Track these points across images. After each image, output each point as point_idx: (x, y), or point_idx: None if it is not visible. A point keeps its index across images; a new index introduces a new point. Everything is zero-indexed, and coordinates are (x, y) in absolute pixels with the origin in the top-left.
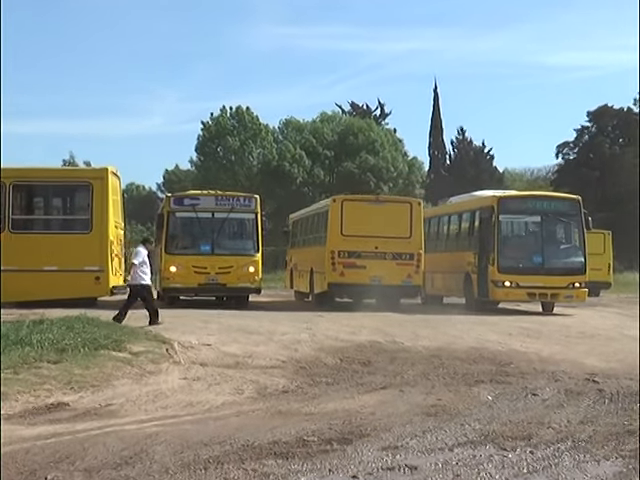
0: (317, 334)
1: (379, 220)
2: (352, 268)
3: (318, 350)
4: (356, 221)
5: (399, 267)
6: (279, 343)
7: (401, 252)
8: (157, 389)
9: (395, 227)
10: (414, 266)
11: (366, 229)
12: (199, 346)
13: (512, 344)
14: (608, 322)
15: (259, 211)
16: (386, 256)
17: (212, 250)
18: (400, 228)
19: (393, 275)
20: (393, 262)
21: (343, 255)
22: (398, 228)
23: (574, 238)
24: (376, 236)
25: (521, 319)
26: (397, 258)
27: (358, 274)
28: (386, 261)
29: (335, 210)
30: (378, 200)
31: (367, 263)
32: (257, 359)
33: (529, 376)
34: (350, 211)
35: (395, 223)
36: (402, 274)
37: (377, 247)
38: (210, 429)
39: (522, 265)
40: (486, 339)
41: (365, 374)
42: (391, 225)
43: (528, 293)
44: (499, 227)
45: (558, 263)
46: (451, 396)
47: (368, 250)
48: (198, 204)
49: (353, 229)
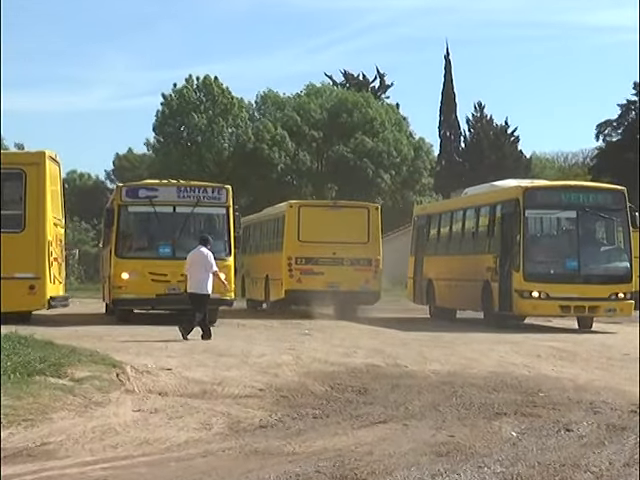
0: (302, 356)
1: (336, 226)
2: (309, 274)
3: (303, 375)
4: (313, 227)
5: (357, 273)
6: (255, 367)
7: (359, 257)
8: (105, 424)
9: (353, 232)
10: (372, 272)
11: (323, 235)
12: (157, 371)
13: (541, 368)
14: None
15: (231, 205)
16: (344, 262)
17: (173, 253)
18: (358, 233)
19: (351, 281)
20: (351, 268)
21: (300, 261)
22: (356, 233)
23: (618, 238)
24: (333, 242)
25: (552, 337)
26: (355, 264)
27: (315, 280)
28: (344, 267)
29: (292, 216)
30: (335, 205)
31: (324, 269)
32: (228, 386)
33: (562, 407)
34: (307, 217)
35: (353, 228)
36: (360, 280)
37: (335, 253)
38: (170, 473)
39: (553, 271)
40: (509, 362)
41: (361, 405)
42: (348, 230)
43: (561, 306)
44: (525, 224)
45: (598, 269)
46: (466, 432)
47: (325, 256)
48: (156, 196)
49: (310, 235)
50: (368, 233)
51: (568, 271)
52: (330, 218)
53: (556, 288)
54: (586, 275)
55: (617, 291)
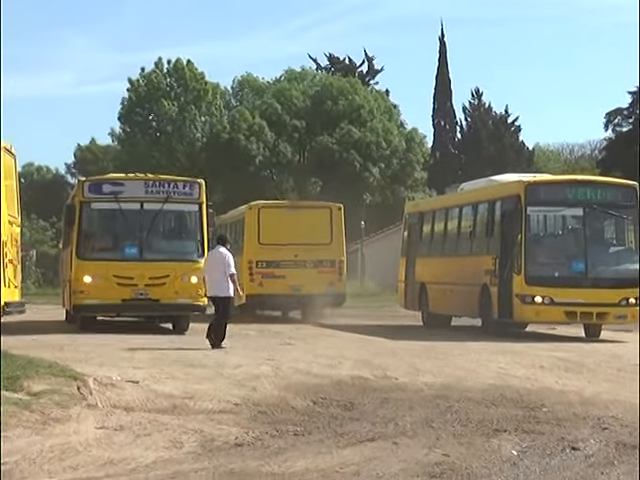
0: (282, 367)
1: (298, 227)
2: (271, 278)
3: (284, 389)
4: (274, 229)
5: (320, 275)
6: (231, 379)
7: (322, 259)
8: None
9: (315, 233)
10: (336, 273)
11: (284, 237)
12: (122, 383)
13: (545, 380)
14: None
15: (204, 201)
16: (306, 264)
17: (141, 254)
18: (320, 234)
19: (314, 283)
20: (314, 270)
21: (261, 265)
22: (318, 234)
23: (628, 238)
24: (295, 244)
25: (557, 347)
26: (318, 266)
27: (277, 284)
28: (306, 269)
29: (251, 218)
30: (296, 206)
31: (286, 272)
32: (201, 401)
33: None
34: (267, 218)
35: (314, 229)
36: (324, 282)
37: (297, 255)
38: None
39: (558, 274)
40: (510, 374)
41: (347, 421)
42: (310, 232)
43: (566, 312)
44: (527, 223)
45: (607, 272)
46: (462, 451)
47: (287, 259)
48: (122, 192)
49: (271, 237)
50: (331, 234)
51: (574, 274)
52: (291, 219)
53: (561, 293)
54: (594, 278)
55: (628, 296)
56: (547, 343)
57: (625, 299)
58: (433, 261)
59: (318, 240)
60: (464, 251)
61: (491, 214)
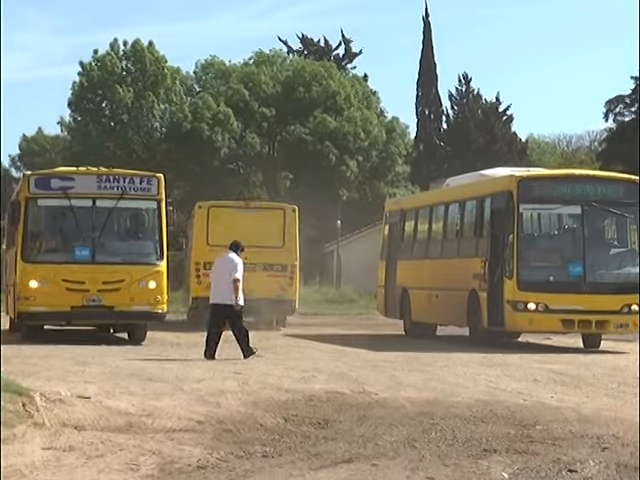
0: (250, 381)
1: (249, 228)
2: None
3: (251, 405)
4: (224, 229)
5: (271, 279)
6: (193, 394)
7: (273, 263)
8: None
9: (267, 236)
10: (287, 278)
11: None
12: (72, 400)
13: (539, 395)
14: None
15: (163, 198)
16: (256, 267)
17: (93, 256)
18: (272, 237)
19: (264, 288)
20: (264, 274)
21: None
22: (270, 237)
23: (631, 239)
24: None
25: (552, 359)
26: (268, 269)
27: None
28: (256, 273)
29: (200, 217)
30: (248, 206)
31: None
32: (160, 418)
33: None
34: (217, 218)
35: (267, 231)
36: (274, 287)
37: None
38: None
39: (554, 278)
40: (500, 388)
41: (321, 440)
42: (262, 233)
43: (563, 320)
44: (520, 222)
45: (607, 276)
46: (448, 473)
47: None
48: (72, 187)
49: (220, 238)
50: (284, 237)
51: (571, 278)
52: (242, 220)
53: (557, 299)
54: (593, 283)
55: (630, 302)
56: (542, 354)
57: (627, 306)
58: (416, 264)
59: (270, 243)
60: (450, 253)
61: (480, 212)
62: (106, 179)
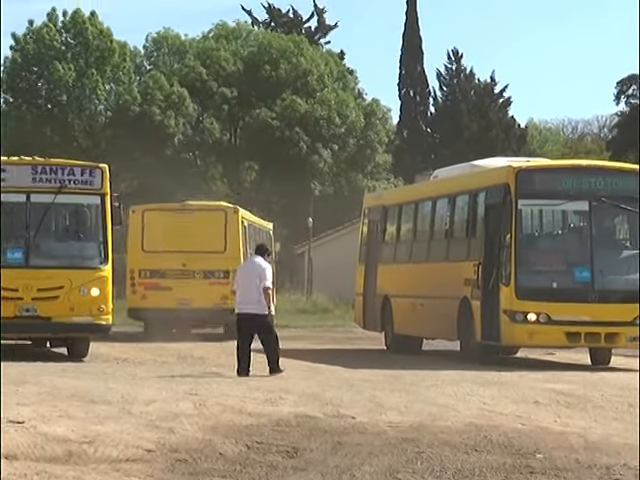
0: (208, 403)
1: (187, 232)
2: (155, 290)
3: (209, 430)
4: (160, 234)
5: (211, 287)
6: (142, 418)
7: (213, 269)
8: None
9: (206, 240)
10: (229, 285)
11: (172, 243)
12: (3, 425)
13: (540, 419)
14: None
15: (108, 192)
16: (195, 274)
17: (26, 260)
18: (212, 241)
19: (204, 297)
20: (204, 281)
21: (144, 274)
22: (210, 241)
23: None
24: (183, 251)
25: (555, 377)
26: (209, 276)
27: (162, 297)
28: (195, 280)
29: (135, 222)
30: (185, 208)
31: (173, 283)
32: (103, 446)
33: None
34: (153, 222)
35: (206, 235)
36: (215, 295)
37: (185, 264)
38: None
39: (557, 285)
40: (496, 411)
41: (289, 471)
42: (202, 237)
43: (568, 333)
44: (518, 220)
45: (618, 282)
46: None
47: (174, 268)
48: (3, 179)
49: (156, 244)
50: (225, 240)
51: (577, 285)
52: (180, 223)
53: (561, 308)
54: (602, 290)
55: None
56: (543, 372)
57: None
58: (399, 269)
59: (210, 247)
60: (438, 256)
61: (472, 209)
62: (42, 170)
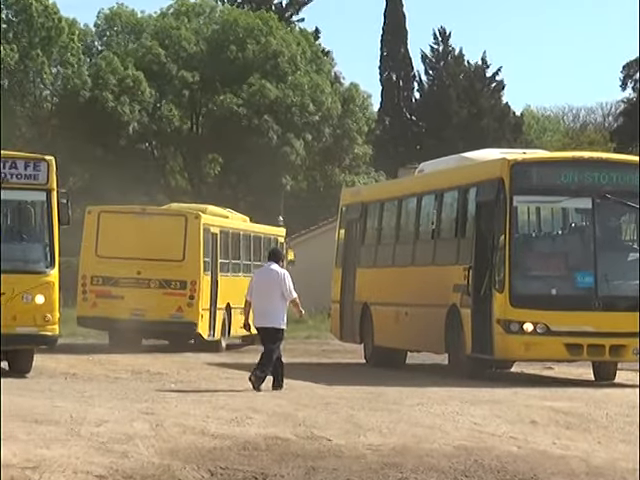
0: (166, 423)
1: (145, 238)
2: (107, 298)
3: (168, 454)
4: (116, 239)
5: (167, 298)
6: (92, 441)
7: (170, 279)
8: None
9: (164, 247)
10: (186, 297)
11: (127, 249)
12: None
13: (537, 441)
14: None
15: (55, 187)
16: (151, 283)
17: None
18: (170, 248)
19: (159, 308)
20: (159, 291)
21: (97, 281)
22: (167, 248)
23: None
24: (139, 258)
25: (554, 394)
26: (165, 286)
27: (114, 306)
28: (150, 290)
29: (90, 224)
30: (145, 212)
31: (126, 292)
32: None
33: None
34: (108, 226)
35: (164, 242)
36: (171, 307)
37: (140, 272)
38: None
39: (557, 291)
40: (488, 432)
41: None
42: (160, 244)
43: (568, 345)
44: (513, 219)
45: (625, 288)
46: None
47: (128, 276)
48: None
49: (111, 249)
50: (184, 248)
51: (579, 291)
52: (138, 228)
53: (561, 318)
54: (607, 297)
55: None
56: (541, 389)
57: None
58: (381, 273)
59: (168, 255)
60: (424, 259)
61: (462, 207)
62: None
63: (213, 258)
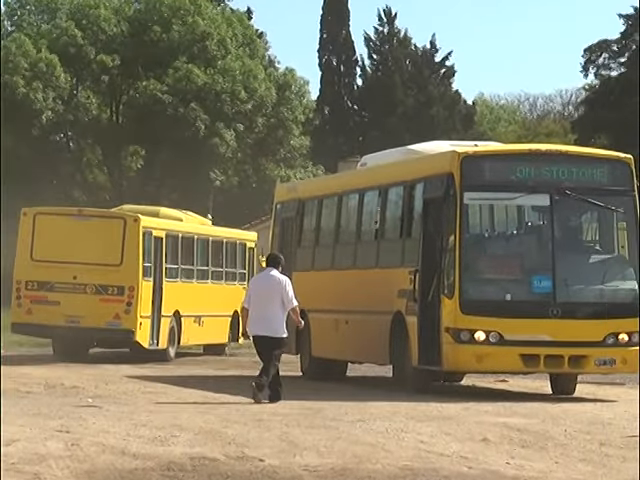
0: (83, 442)
1: (82, 241)
2: (42, 304)
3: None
4: (51, 242)
5: (103, 304)
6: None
7: (107, 284)
8: None
9: (101, 251)
10: (124, 303)
11: (62, 253)
12: None
13: (490, 461)
14: None
15: None
16: (87, 289)
17: None
18: (107, 252)
19: (95, 315)
20: (96, 297)
21: (32, 286)
22: (104, 252)
23: (618, 241)
24: (75, 262)
25: (509, 409)
26: (101, 292)
27: (50, 312)
28: (87, 295)
29: (25, 227)
30: (82, 214)
31: (61, 298)
32: None
33: None
34: (44, 228)
35: (101, 245)
36: (107, 314)
37: (75, 277)
38: None
39: (512, 297)
40: (436, 451)
41: None
42: (97, 248)
43: (523, 356)
44: (463, 218)
45: (585, 293)
46: None
47: (64, 281)
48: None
49: (47, 252)
50: (122, 252)
51: (536, 297)
52: (74, 231)
53: (515, 326)
54: (566, 304)
55: (617, 330)
56: (494, 403)
57: (613, 335)
58: (319, 277)
59: (105, 260)
60: (367, 262)
61: (408, 204)
62: None
63: (157, 263)
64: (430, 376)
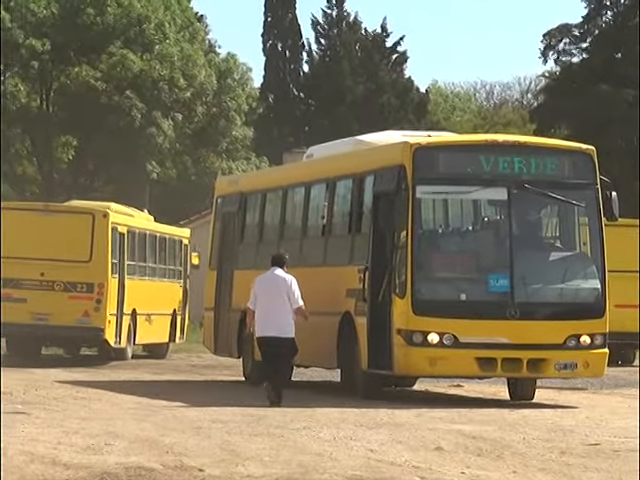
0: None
1: (49, 237)
2: (8, 301)
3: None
4: (17, 238)
5: (72, 302)
6: None
7: (76, 281)
8: None
9: (69, 247)
10: (93, 301)
11: (29, 249)
12: None
13: (443, 470)
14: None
15: None
16: (55, 286)
17: None
18: (76, 248)
19: (64, 312)
20: (64, 294)
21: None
22: (73, 248)
23: (580, 237)
24: (42, 259)
25: (464, 416)
26: (70, 289)
27: (16, 310)
28: (55, 292)
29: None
30: (48, 209)
31: (28, 295)
32: None
33: None
34: (9, 223)
35: (69, 241)
36: (76, 311)
37: (43, 274)
38: None
39: (467, 297)
40: (386, 460)
41: None
42: (64, 244)
43: (479, 359)
44: (416, 213)
45: (545, 292)
46: None
47: (30, 277)
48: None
49: (13, 249)
50: (91, 248)
51: (492, 297)
52: (40, 226)
53: (471, 327)
54: (525, 304)
55: (579, 332)
56: (448, 410)
57: (574, 337)
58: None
59: (73, 256)
60: (313, 259)
61: (358, 198)
62: None
63: (120, 259)
64: (380, 381)
